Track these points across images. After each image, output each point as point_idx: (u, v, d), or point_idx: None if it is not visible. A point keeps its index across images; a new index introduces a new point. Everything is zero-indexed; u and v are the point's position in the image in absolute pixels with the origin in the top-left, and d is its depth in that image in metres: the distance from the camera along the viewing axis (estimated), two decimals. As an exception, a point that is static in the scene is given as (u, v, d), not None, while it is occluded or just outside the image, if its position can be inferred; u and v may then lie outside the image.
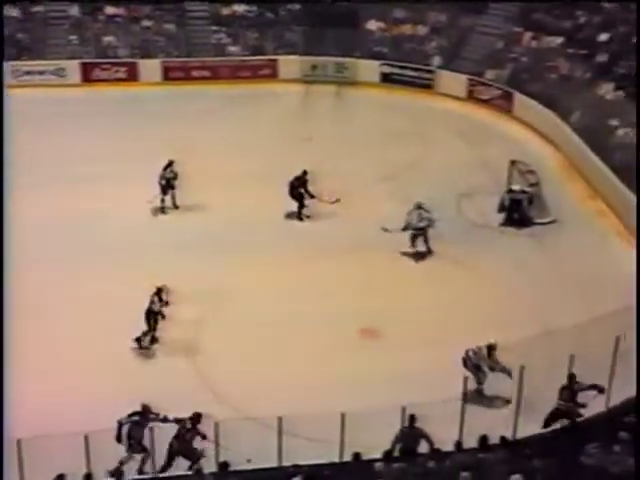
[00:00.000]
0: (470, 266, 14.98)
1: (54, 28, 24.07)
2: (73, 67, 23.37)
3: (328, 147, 19.32)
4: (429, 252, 15.58)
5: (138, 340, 12.49)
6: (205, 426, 10.16)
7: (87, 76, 23.49)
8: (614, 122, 18.30)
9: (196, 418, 10.30)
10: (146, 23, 24.56)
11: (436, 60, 23.72)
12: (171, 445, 10.15)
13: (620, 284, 13.97)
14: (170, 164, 16.80)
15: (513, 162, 17.49)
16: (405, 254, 15.37)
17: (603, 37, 21.52)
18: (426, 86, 23.41)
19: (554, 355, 11.30)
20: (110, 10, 24.47)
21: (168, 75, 23.87)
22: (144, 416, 10.15)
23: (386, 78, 23.84)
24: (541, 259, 15.38)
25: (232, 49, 24.53)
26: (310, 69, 24.15)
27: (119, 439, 10.13)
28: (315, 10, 24.33)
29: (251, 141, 19.66)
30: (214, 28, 24.69)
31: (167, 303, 12.34)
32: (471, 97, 22.78)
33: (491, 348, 11.34)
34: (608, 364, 10.93)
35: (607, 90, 19.63)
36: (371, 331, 13.27)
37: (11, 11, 23.55)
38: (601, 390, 10.76)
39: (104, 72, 23.45)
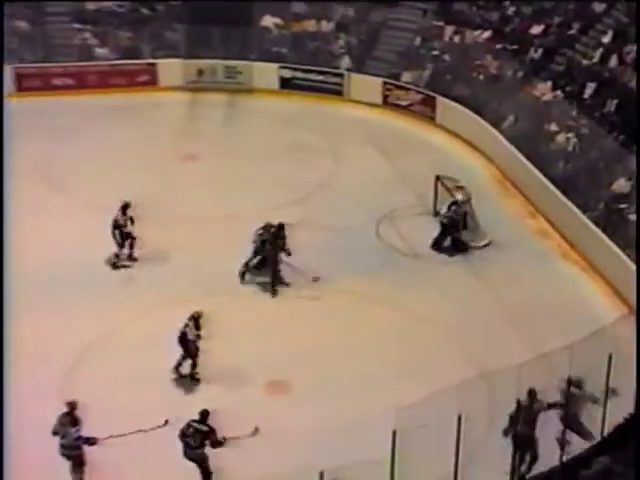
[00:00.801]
0: (394, 303, 14.60)
1: None
2: None
3: (219, 168, 18.96)
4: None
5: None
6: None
7: None
8: (553, 127, 18.45)
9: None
10: None
11: (345, 61, 23.70)
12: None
13: (567, 314, 13.93)
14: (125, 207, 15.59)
15: (439, 177, 17.44)
16: (320, 292, 14.93)
17: (536, 30, 21.88)
18: (334, 92, 23.35)
19: (494, 400, 11.14)
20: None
21: (22, 84, 23.08)
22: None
23: (286, 83, 23.70)
24: (476, 290, 15.21)
25: (100, 52, 24.04)
26: (196, 74, 23.82)
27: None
28: (200, 5, 23.80)
29: (123, 162, 19.05)
30: (77, 26, 24.10)
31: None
32: (387, 103, 22.81)
33: None
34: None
35: (543, 90, 19.82)
36: (280, 384, 12.82)
37: None
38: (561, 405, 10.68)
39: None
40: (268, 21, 24.67)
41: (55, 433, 11.30)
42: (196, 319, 12.85)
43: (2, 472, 10.14)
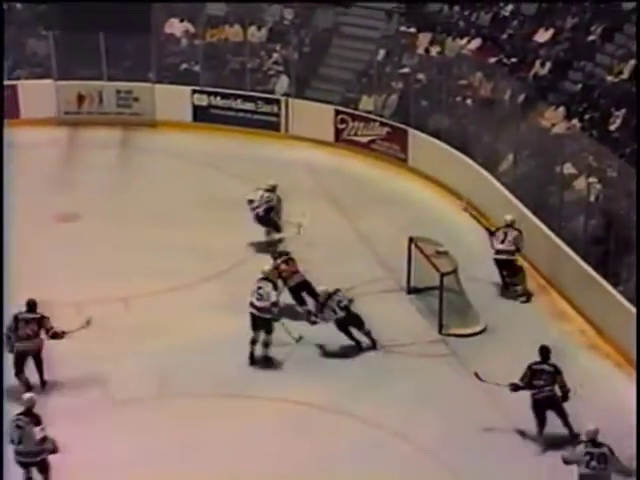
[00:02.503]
0: (356, 413, 14.47)
1: None
2: None
3: (106, 231, 18.84)
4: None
5: None
6: None
7: None
8: (568, 169, 18.53)
9: None
10: None
11: (282, 83, 24.03)
12: None
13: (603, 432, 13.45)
14: None
15: (413, 240, 17.47)
16: (255, 401, 15.01)
17: (542, 36, 22.36)
18: (268, 125, 23.60)
19: None
20: None
21: None
22: None
23: (201, 114, 23.99)
24: (466, 393, 14.91)
25: None
26: (75, 102, 23.96)
27: None
28: (77, 4, 23.49)
29: None
30: None
31: None
32: (341, 140, 23.08)
33: None
34: None
35: (553, 119, 20.05)
36: None
37: None
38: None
39: None
40: (174, 27, 24.98)
41: (12, 441, 12.81)
42: None
43: (2, 472, 11.87)
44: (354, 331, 16.25)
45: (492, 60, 22.31)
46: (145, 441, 13.81)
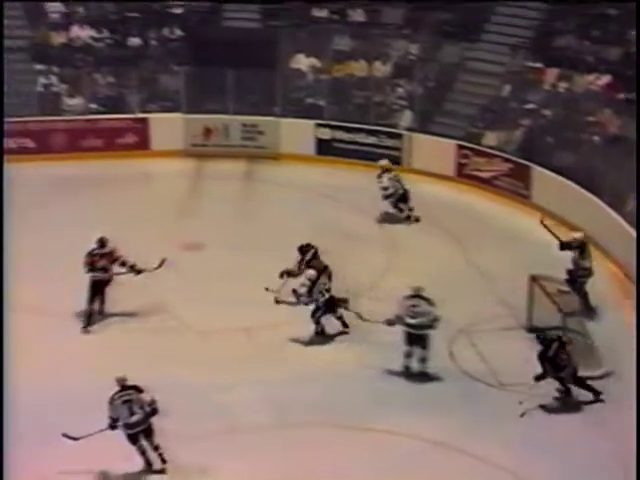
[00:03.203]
0: (469, 451, 13.87)
1: None
2: None
3: (231, 261, 18.71)
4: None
5: None
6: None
7: None
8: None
9: None
10: None
11: (405, 118, 23.90)
12: None
13: None
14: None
15: (535, 278, 16.96)
16: (367, 434, 14.44)
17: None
18: (391, 159, 22.92)
19: None
20: None
21: None
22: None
23: (325, 147, 23.95)
24: (592, 440, 14.25)
25: (71, 103, 24.33)
26: (202, 135, 24.20)
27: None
28: (207, 40, 24.50)
29: None
30: (38, 67, 24.55)
31: None
32: (463, 175, 22.78)
33: None
34: None
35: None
36: None
37: None
38: None
39: None
40: (301, 62, 25.10)
41: (116, 419, 13.25)
42: None
43: (2, 472, 11.91)
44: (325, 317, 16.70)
45: (621, 96, 21.66)
46: (259, 468, 13.46)
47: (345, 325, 17.02)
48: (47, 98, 24.37)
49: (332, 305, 16.88)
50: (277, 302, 16.60)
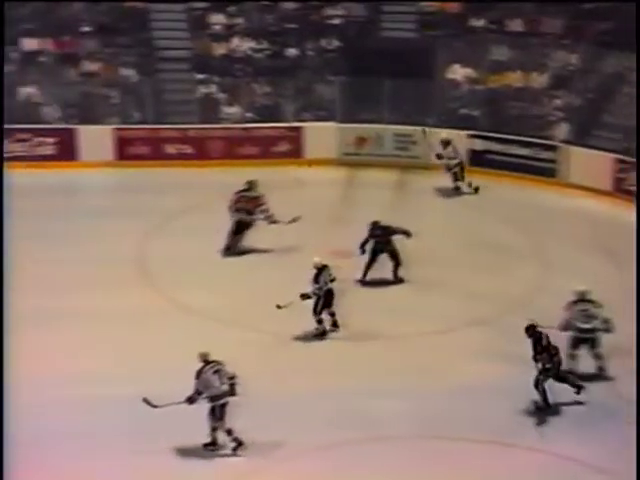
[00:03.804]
0: None
1: None
2: None
3: (379, 272, 18.20)
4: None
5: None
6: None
7: None
8: None
9: None
10: (89, 66, 24.72)
11: (562, 130, 23.22)
12: None
13: None
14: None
15: None
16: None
17: None
18: (545, 172, 22.82)
19: None
20: (30, 44, 24.65)
21: (123, 151, 23.83)
22: None
23: (477, 158, 23.35)
24: None
25: (229, 111, 24.65)
26: (355, 144, 23.99)
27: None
28: (364, 50, 24.44)
29: (248, 259, 18.91)
30: (199, 77, 24.88)
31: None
32: (621, 190, 21.77)
33: None
34: None
35: None
36: None
37: None
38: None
39: (19, 145, 23.32)
40: (456, 72, 24.65)
41: (201, 392, 13.29)
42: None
43: (2, 472, 11.70)
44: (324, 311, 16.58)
45: None
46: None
47: (335, 324, 16.61)
48: (206, 106, 24.57)
49: (331, 299, 16.50)
50: (279, 307, 16.08)
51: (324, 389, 14.78)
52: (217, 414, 13.46)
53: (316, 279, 16.42)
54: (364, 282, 18.12)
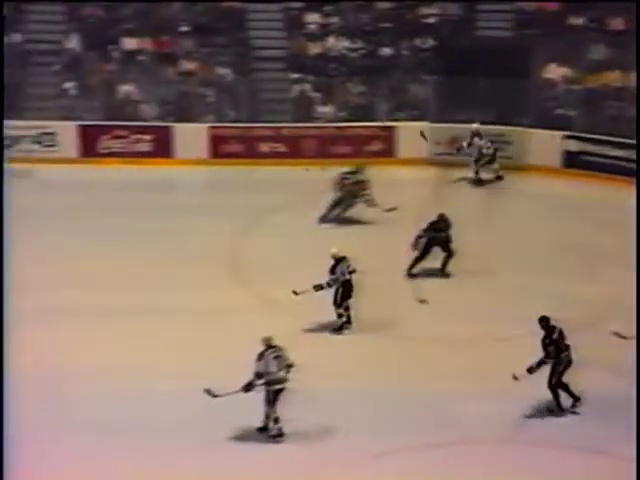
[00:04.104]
0: None
1: (38, 69, 24.61)
2: (67, 132, 23.62)
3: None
4: None
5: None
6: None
7: (89, 147, 23.72)
8: None
9: None
10: (186, 65, 24.91)
11: None
12: None
13: None
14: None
15: None
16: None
17: None
18: None
19: None
20: (130, 43, 24.98)
21: (219, 148, 23.92)
22: None
23: (572, 160, 22.92)
24: None
25: (322, 110, 24.65)
26: (448, 143, 23.55)
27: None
28: (459, 48, 24.16)
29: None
30: (294, 76, 24.88)
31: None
32: None
33: None
34: None
35: None
36: None
37: None
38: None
39: (116, 142, 23.67)
40: (553, 71, 24.18)
41: (262, 375, 13.37)
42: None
43: (2, 471, 11.78)
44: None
45: None
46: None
47: (349, 320, 16.40)
48: (301, 105, 24.51)
49: (349, 291, 16.29)
50: (295, 294, 16.06)
51: (413, 391, 14.53)
52: (270, 399, 13.54)
53: (332, 270, 16.29)
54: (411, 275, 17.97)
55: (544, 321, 14.49)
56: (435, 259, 18.21)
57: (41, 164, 22.84)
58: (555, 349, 14.35)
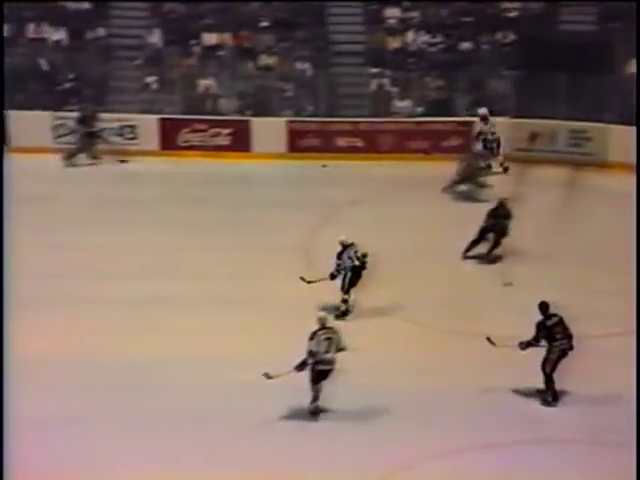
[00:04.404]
0: None
1: (120, 63, 24.89)
2: (148, 125, 23.78)
3: (549, 273, 17.63)
4: None
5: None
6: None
7: (169, 140, 23.85)
8: None
9: None
10: (266, 59, 24.92)
11: None
12: None
13: None
14: None
15: None
16: None
17: None
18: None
19: None
20: (210, 38, 25.08)
21: (295, 143, 23.87)
22: None
23: None
24: None
25: (400, 105, 24.43)
26: (527, 139, 23.29)
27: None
28: (541, 42, 23.71)
29: (405, 253, 18.28)
30: (373, 70, 24.73)
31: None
32: None
33: None
34: None
35: None
36: None
37: (54, 34, 24.86)
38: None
39: (196, 135, 23.77)
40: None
41: (315, 353, 13.65)
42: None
43: (2, 471, 11.79)
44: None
45: None
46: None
47: (347, 310, 16.56)
48: (378, 100, 24.36)
49: (357, 278, 16.48)
50: (308, 282, 16.28)
51: (487, 386, 14.32)
52: (314, 378, 13.74)
53: (339, 256, 16.51)
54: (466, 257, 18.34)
55: (543, 306, 14.41)
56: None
57: (123, 156, 23.20)
58: (547, 336, 14.22)
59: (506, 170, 22.66)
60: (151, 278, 17.42)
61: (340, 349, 13.82)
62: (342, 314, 16.39)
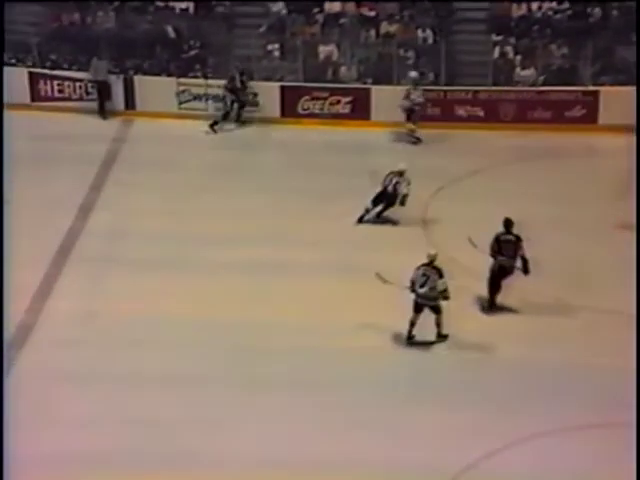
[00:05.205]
0: None
1: (244, 31, 24.75)
2: (270, 92, 23.62)
3: None
4: None
5: None
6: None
7: (289, 107, 23.69)
8: None
9: None
10: (387, 27, 24.43)
11: None
12: None
13: None
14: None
15: None
16: None
17: None
18: None
19: None
20: (333, 6, 24.71)
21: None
22: None
23: None
24: None
25: (523, 74, 23.59)
26: None
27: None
28: None
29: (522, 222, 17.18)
30: (495, 38, 23.96)
31: None
32: None
33: None
34: None
35: None
36: None
37: (180, 2, 24.88)
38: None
39: (316, 103, 23.51)
40: None
41: (412, 282, 14.75)
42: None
43: (2, 470, 12.04)
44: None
45: None
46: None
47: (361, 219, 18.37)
48: (500, 68, 23.58)
49: (392, 202, 18.31)
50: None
51: (574, 366, 14.12)
52: (413, 308, 14.79)
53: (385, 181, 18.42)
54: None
55: (507, 222, 15.43)
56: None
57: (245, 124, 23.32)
58: (497, 250, 15.33)
59: (418, 140, 22.46)
60: (269, 244, 17.40)
61: (441, 292, 14.55)
62: (359, 219, 18.35)
